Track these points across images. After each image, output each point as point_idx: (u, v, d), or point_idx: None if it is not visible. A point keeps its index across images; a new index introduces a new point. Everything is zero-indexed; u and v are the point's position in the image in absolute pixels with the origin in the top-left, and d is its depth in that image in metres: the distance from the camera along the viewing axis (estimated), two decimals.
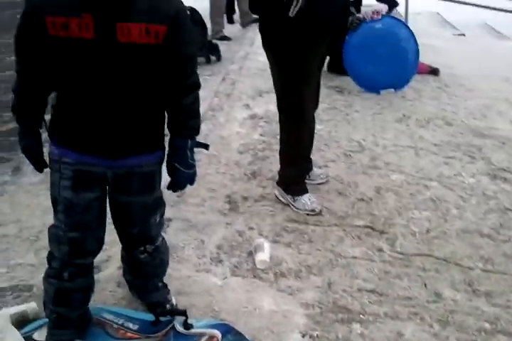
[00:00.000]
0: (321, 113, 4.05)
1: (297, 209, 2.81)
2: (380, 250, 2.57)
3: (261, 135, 3.72)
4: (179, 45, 1.63)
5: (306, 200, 2.81)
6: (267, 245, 2.47)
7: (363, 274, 2.38)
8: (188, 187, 2.96)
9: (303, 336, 2.03)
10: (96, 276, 2.25)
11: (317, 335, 2.04)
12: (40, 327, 1.98)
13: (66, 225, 1.76)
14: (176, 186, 1.85)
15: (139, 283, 2.11)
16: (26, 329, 2.02)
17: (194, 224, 2.73)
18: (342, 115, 4.12)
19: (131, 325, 1.99)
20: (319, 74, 2.86)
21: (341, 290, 2.27)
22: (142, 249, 1.95)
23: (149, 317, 2.01)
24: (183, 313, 1.96)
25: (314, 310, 2.16)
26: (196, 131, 1.80)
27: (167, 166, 1.81)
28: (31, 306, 2.08)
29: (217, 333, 1.91)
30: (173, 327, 1.94)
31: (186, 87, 1.71)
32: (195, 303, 2.16)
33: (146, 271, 2.06)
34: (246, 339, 1.93)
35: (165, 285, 2.13)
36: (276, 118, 2.96)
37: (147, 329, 1.97)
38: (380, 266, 2.45)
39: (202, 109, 4.08)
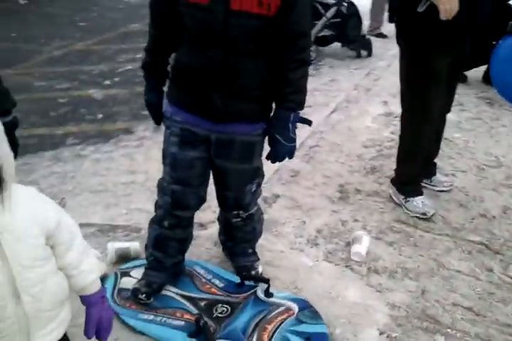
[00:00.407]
0: (462, 121, 3.83)
1: (408, 210, 2.69)
2: (490, 270, 2.36)
3: (392, 133, 3.59)
4: (291, 21, 1.64)
5: (419, 203, 2.68)
6: (366, 239, 2.40)
7: (462, 290, 2.22)
8: (304, 171, 3.01)
9: (380, 334, 1.96)
10: (199, 232, 2.40)
11: (395, 337, 1.95)
12: (139, 266, 2.15)
13: (171, 178, 1.88)
14: (274, 157, 1.86)
15: (229, 245, 2.19)
16: (126, 265, 2.20)
17: (300, 205, 2.74)
18: (486, 127, 3.83)
19: (217, 282, 2.09)
20: (455, 76, 2.67)
21: (434, 300, 2.14)
22: (236, 213, 2.02)
23: (236, 279, 2.09)
24: (266, 281, 1.99)
25: (399, 312, 2.07)
26: (299, 105, 1.79)
27: (268, 136, 1.84)
28: (134, 245, 2.26)
29: (295, 307, 1.93)
30: (255, 293, 1.99)
31: (295, 61, 1.71)
32: (281, 277, 2.18)
33: (237, 234, 2.13)
34: (321, 320, 1.91)
35: (254, 253, 2.19)
36: None
37: (231, 289, 2.05)
38: (485, 286, 2.26)
39: (337, 100, 4.09)
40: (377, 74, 4.81)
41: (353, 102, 4.13)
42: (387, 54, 5.49)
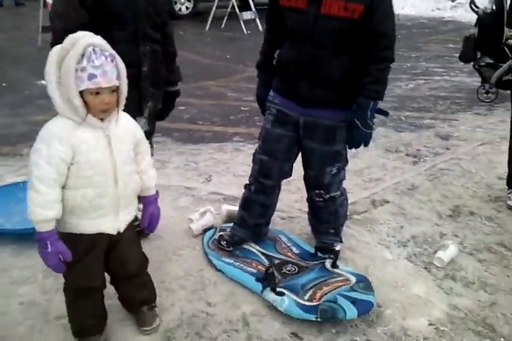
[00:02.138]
0: None
1: None
2: None
3: None
4: (373, 23, 1.95)
5: None
6: (453, 248, 2.49)
7: None
8: (423, 187, 3.17)
9: (429, 324, 2.08)
10: (301, 214, 2.76)
11: (443, 331, 2.06)
12: None
13: (261, 149, 2.31)
14: (351, 141, 2.16)
15: (314, 223, 2.52)
16: (227, 224, 2.69)
17: (406, 213, 2.92)
18: None
19: (294, 249, 2.46)
20: None
21: (501, 313, 2.17)
22: (317, 192, 2.33)
23: (312, 250, 2.43)
24: (336, 255, 2.31)
25: (458, 314, 2.15)
26: (379, 94, 2.07)
27: (347, 121, 2.13)
28: None
29: (353, 278, 2.19)
30: (323, 262, 2.31)
31: (378, 58, 2.01)
32: (356, 261, 2.43)
33: (319, 214, 2.44)
34: (371, 292, 2.12)
35: (336, 234, 2.46)
36: None
37: (304, 257, 2.40)
38: None
39: (491, 136, 4.07)
40: None
41: (507, 139, 4.06)
42: None
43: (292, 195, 3.09)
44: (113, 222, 1.71)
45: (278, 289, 2.12)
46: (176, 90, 2.47)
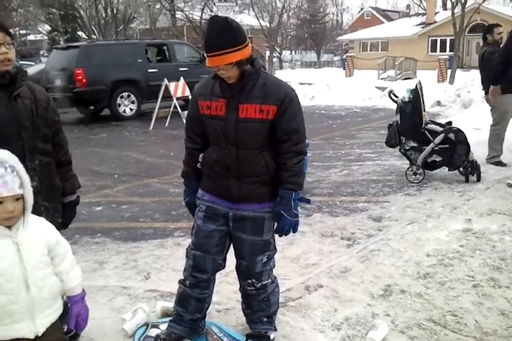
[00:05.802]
0: None
1: None
2: None
3: (460, 246, 3.71)
4: (285, 121, 2.18)
5: None
6: (383, 327, 2.57)
7: None
8: (356, 269, 3.30)
9: None
10: (235, 305, 2.80)
11: None
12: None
13: (193, 244, 2.40)
14: (280, 230, 2.30)
15: (248, 312, 2.56)
16: (160, 319, 2.69)
17: (339, 296, 3.01)
18: None
19: (225, 339, 2.47)
20: None
21: None
22: (250, 282, 2.42)
23: (243, 339, 2.45)
24: (273, 329, 2.37)
25: None
26: (299, 185, 2.25)
27: (275, 213, 2.29)
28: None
29: None
30: None
31: (292, 152, 2.21)
32: None
33: (252, 303, 2.50)
34: None
35: (269, 322, 2.50)
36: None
37: None
38: None
39: (417, 215, 4.31)
40: (471, 195, 4.94)
41: (433, 217, 4.33)
42: (491, 178, 5.58)
43: (230, 287, 3.13)
44: (30, 326, 1.74)
45: None
46: (73, 200, 2.41)
